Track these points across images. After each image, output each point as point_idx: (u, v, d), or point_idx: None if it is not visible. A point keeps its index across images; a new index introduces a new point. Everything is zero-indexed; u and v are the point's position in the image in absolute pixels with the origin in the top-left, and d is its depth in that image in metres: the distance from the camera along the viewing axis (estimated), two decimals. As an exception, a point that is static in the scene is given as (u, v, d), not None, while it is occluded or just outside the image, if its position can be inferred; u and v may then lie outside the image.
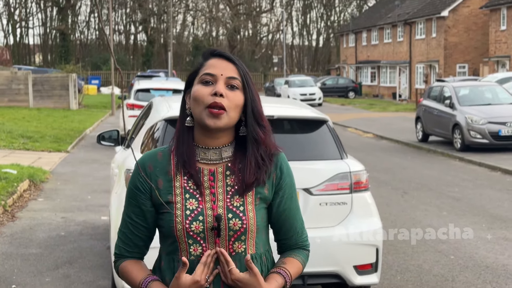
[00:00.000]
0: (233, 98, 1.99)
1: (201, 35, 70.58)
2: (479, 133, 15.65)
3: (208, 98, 1.97)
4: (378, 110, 33.67)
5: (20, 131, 17.56)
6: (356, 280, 4.83)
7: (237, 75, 2.01)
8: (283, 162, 2.12)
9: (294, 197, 2.14)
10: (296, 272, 2.09)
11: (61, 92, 27.93)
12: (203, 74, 2.01)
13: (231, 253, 2.02)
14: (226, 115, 1.98)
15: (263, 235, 2.09)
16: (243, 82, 2.02)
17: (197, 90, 2.00)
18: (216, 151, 2.04)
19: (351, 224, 4.85)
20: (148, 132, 5.26)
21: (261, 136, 2.03)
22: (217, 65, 2.02)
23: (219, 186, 2.04)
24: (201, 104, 1.98)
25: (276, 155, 2.09)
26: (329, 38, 72.96)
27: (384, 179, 12.38)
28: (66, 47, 61.74)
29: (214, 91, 1.97)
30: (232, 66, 2.02)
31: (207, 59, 2.05)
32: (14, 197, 9.08)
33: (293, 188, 2.14)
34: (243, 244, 2.03)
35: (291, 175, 2.14)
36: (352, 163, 5.00)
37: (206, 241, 2.01)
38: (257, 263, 2.06)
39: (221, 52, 2.04)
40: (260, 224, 2.06)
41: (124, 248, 2.10)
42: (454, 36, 39.55)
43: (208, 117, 1.97)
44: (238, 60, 2.05)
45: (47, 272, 6.14)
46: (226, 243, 2.02)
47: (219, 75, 1.99)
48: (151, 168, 2.06)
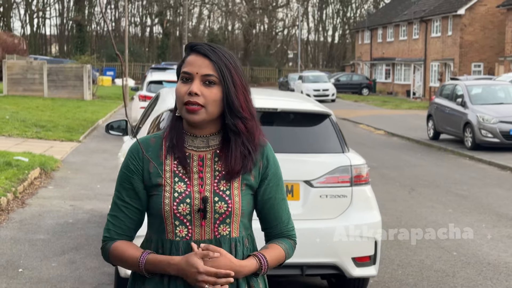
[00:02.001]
0: (208, 94, 2.06)
1: (216, 29, 70.68)
2: (490, 132, 15.62)
3: (185, 97, 2.07)
4: (391, 107, 33.58)
5: (33, 120, 17.75)
6: (354, 272, 4.90)
7: (212, 71, 2.07)
8: (270, 152, 2.20)
9: (280, 187, 2.21)
10: (275, 258, 2.15)
11: (76, 83, 28.14)
12: (182, 72, 2.11)
13: (216, 235, 2.10)
14: (203, 111, 2.07)
15: (247, 220, 2.17)
16: (219, 77, 2.08)
17: (177, 88, 2.11)
18: (204, 139, 2.14)
19: (350, 217, 4.91)
20: (154, 121, 5.35)
21: (240, 127, 2.10)
22: (194, 62, 2.09)
23: (207, 171, 2.13)
24: (180, 101, 2.09)
25: (262, 145, 2.17)
26: (345, 34, 72.79)
27: (393, 175, 12.41)
28: (82, 38, 62.06)
29: (189, 91, 2.06)
30: (208, 62, 2.08)
31: (188, 54, 2.13)
32: (24, 184, 9.22)
33: (278, 178, 2.21)
34: (227, 227, 2.11)
35: (277, 165, 2.21)
36: (353, 156, 5.06)
37: (192, 223, 2.09)
38: (240, 246, 2.13)
39: (198, 49, 2.10)
40: (246, 209, 2.14)
41: (115, 231, 2.16)
42: (470, 34, 39.34)
43: (186, 113, 2.08)
44: (216, 54, 2.09)
45: (53, 258, 6.26)
46: (211, 225, 2.10)
47: (195, 73, 2.07)
48: (143, 152, 2.14)
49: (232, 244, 2.12)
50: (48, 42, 71.96)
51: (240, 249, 2.13)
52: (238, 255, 2.13)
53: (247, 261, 2.10)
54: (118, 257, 2.14)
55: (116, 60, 59.05)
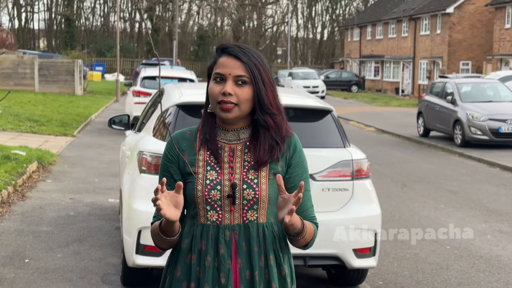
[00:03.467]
0: (241, 94, 2.23)
1: (206, 25, 70.66)
2: (479, 130, 15.87)
3: (219, 96, 2.24)
4: (381, 104, 33.86)
5: (26, 114, 17.80)
6: (354, 263, 5.07)
7: (244, 72, 2.24)
8: (296, 143, 2.37)
9: (305, 177, 2.37)
10: (310, 229, 2.30)
11: (67, 78, 28.16)
12: (215, 73, 2.28)
13: (244, 221, 2.27)
14: (237, 109, 2.24)
15: (275, 208, 2.31)
16: (250, 77, 2.24)
17: (210, 88, 2.28)
18: (235, 133, 2.32)
19: (351, 210, 5.09)
20: (160, 117, 5.49)
21: (270, 122, 2.27)
22: (226, 64, 2.25)
23: (237, 161, 2.30)
24: (214, 100, 2.27)
25: (289, 137, 2.34)
26: (334, 31, 73.04)
27: (385, 172, 12.61)
28: (71, 33, 61.85)
29: (223, 91, 2.23)
30: (240, 64, 2.24)
31: (219, 56, 2.30)
32: (23, 178, 9.33)
33: (303, 169, 2.37)
34: (255, 213, 2.28)
35: (302, 157, 2.38)
36: (354, 151, 5.23)
37: (222, 209, 2.27)
38: (268, 231, 2.29)
39: (230, 51, 2.27)
40: (272, 196, 2.30)
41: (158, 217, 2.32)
42: (458, 33, 39.70)
43: (220, 111, 2.26)
44: (247, 56, 2.25)
45: (58, 249, 6.39)
46: (240, 211, 2.27)
47: (228, 74, 2.24)
48: (179, 143, 2.34)
49: (259, 229, 2.28)
50: (36, 37, 71.61)
51: (268, 234, 2.29)
52: (267, 239, 2.28)
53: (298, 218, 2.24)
54: (152, 233, 2.32)
55: (106, 56, 58.95)
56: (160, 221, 2.25)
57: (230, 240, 2.25)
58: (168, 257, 2.38)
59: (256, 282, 2.24)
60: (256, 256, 2.25)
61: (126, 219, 5.16)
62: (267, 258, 2.27)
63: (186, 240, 2.29)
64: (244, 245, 2.25)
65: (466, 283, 6.19)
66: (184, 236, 2.30)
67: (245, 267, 2.25)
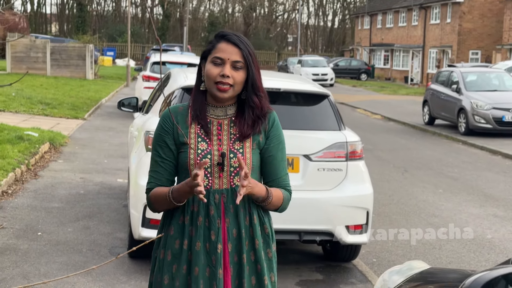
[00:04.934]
0: (236, 77, 2.57)
1: (217, 11, 70.76)
2: (483, 118, 16.09)
3: (217, 77, 2.56)
4: (389, 92, 34.02)
5: (38, 97, 18.16)
6: (347, 238, 5.39)
7: (240, 58, 2.58)
8: (275, 118, 2.71)
9: (280, 150, 2.70)
10: (276, 195, 2.62)
11: (78, 62, 28.51)
12: (214, 57, 2.60)
13: (231, 185, 2.60)
14: (231, 89, 2.58)
15: (257, 174, 2.66)
16: (245, 63, 2.58)
17: (209, 69, 2.60)
18: (223, 109, 2.66)
19: (345, 189, 5.39)
20: (166, 99, 5.79)
21: (256, 102, 2.62)
22: (225, 49, 2.58)
23: (224, 134, 2.64)
24: (212, 80, 2.58)
25: (269, 113, 2.68)
26: (345, 19, 72.96)
27: (387, 158, 12.89)
28: (83, 17, 62.13)
29: (222, 73, 2.55)
30: (238, 51, 2.57)
31: (218, 41, 2.62)
32: (36, 157, 9.69)
33: (280, 141, 2.70)
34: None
35: (279, 130, 2.71)
36: (349, 134, 5.53)
37: (212, 175, 2.60)
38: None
39: (229, 38, 2.60)
40: (255, 164, 2.65)
41: (155, 183, 2.65)
42: (468, 22, 39.68)
43: (217, 91, 2.58)
44: (243, 44, 2.59)
45: (69, 224, 6.74)
46: (228, 177, 2.60)
47: (226, 59, 2.57)
48: (172, 117, 2.66)
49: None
50: (48, 21, 72.00)
51: (250, 198, 2.61)
52: (251, 201, 2.61)
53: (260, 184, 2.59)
54: (155, 197, 2.62)
55: (117, 41, 59.27)
56: (170, 189, 2.55)
57: (219, 202, 2.58)
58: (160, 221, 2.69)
59: (243, 238, 2.57)
60: (242, 216, 2.58)
61: (132, 194, 5.49)
62: (251, 218, 2.60)
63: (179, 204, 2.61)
64: (231, 206, 2.58)
65: (456, 262, 6.49)
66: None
67: (232, 225, 2.57)
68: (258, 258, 2.59)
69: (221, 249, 2.54)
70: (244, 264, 2.56)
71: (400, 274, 2.65)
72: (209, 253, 2.55)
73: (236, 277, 2.57)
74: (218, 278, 2.52)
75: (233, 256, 2.57)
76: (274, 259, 2.67)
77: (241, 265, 2.57)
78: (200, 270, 2.53)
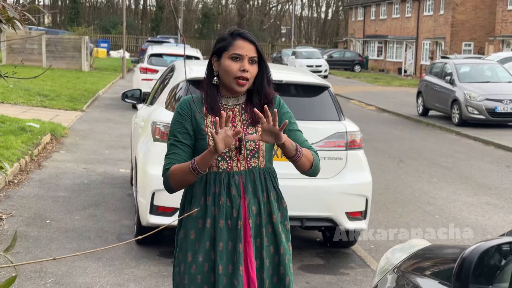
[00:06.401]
0: (252, 71, 2.82)
1: (210, 3, 70.77)
2: (476, 109, 16.34)
3: (237, 72, 2.80)
4: (383, 84, 34.27)
5: (36, 89, 18.30)
6: (347, 224, 5.61)
7: (255, 54, 2.84)
8: (280, 100, 2.97)
9: (294, 123, 2.93)
10: (306, 153, 2.83)
11: (74, 54, 28.61)
12: (233, 53, 2.82)
13: (248, 167, 2.83)
14: (247, 83, 2.83)
15: (270, 155, 2.91)
16: (259, 57, 2.84)
17: (229, 65, 2.82)
18: (235, 99, 2.90)
19: (345, 177, 5.61)
20: (172, 91, 5.99)
21: (267, 91, 2.89)
22: (243, 46, 2.82)
23: (237, 121, 2.88)
24: (231, 75, 2.81)
25: (275, 97, 2.93)
26: (338, 11, 73.11)
27: (383, 148, 13.12)
28: (76, 9, 62.08)
29: (242, 68, 2.79)
30: (253, 47, 2.83)
31: (234, 39, 2.85)
32: (39, 148, 9.87)
33: (290, 115, 2.94)
34: (256, 160, 2.86)
35: (286, 107, 2.96)
36: (348, 124, 5.75)
37: (230, 158, 2.83)
38: (267, 174, 2.87)
39: (245, 36, 2.84)
40: (268, 146, 2.88)
41: (173, 163, 2.82)
42: (461, 14, 39.92)
43: (236, 85, 2.81)
44: (256, 41, 2.85)
45: (75, 212, 6.94)
46: (245, 159, 2.84)
47: (245, 55, 2.81)
48: (190, 105, 2.89)
49: (261, 172, 2.85)
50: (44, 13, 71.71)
51: (268, 176, 2.87)
52: (267, 180, 2.85)
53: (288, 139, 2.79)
54: (176, 173, 2.77)
55: (110, 32, 59.26)
56: (191, 160, 2.74)
57: (238, 183, 2.81)
58: (180, 204, 2.91)
59: (262, 213, 2.82)
60: (260, 194, 2.83)
61: (141, 183, 5.69)
62: (269, 195, 2.85)
63: (199, 187, 2.83)
64: (249, 186, 2.82)
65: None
66: (197, 184, 2.83)
67: (251, 203, 2.81)
68: (275, 231, 2.84)
69: (241, 225, 2.78)
70: (263, 236, 2.81)
71: (403, 252, 2.87)
72: (231, 229, 2.78)
73: (257, 249, 2.81)
74: (238, 252, 2.76)
75: (254, 231, 2.81)
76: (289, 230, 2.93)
77: (261, 238, 2.81)
78: (223, 246, 2.77)
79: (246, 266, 2.78)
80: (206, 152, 2.72)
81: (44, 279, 5.05)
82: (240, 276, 2.74)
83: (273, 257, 2.84)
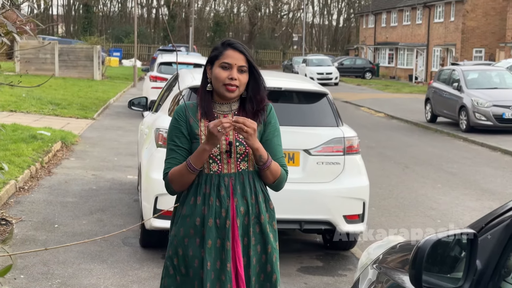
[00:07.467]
0: (242, 79, 2.97)
1: (222, 11, 71.17)
2: (483, 115, 16.43)
3: (226, 80, 2.96)
4: (393, 91, 34.34)
5: (48, 98, 18.59)
6: (345, 227, 5.76)
7: (245, 63, 2.98)
8: (271, 109, 3.12)
9: (276, 136, 3.09)
10: (275, 165, 3.00)
11: (86, 63, 28.95)
12: (222, 62, 2.99)
13: (238, 170, 2.99)
14: (237, 90, 2.98)
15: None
16: (249, 67, 2.99)
17: (218, 73, 2.99)
18: (228, 105, 3.07)
19: (342, 181, 5.76)
20: (175, 98, 6.18)
21: (258, 99, 3.04)
22: (232, 56, 2.98)
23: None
24: (220, 82, 2.97)
25: (267, 105, 3.09)
26: (349, 18, 73.26)
27: (389, 154, 13.24)
28: (89, 18, 62.68)
29: (230, 76, 2.95)
30: (242, 57, 2.98)
31: (225, 49, 3.02)
32: (49, 155, 10.10)
33: (275, 127, 3.09)
34: (246, 164, 3.02)
35: (275, 119, 3.11)
36: (346, 130, 5.90)
37: (221, 161, 3.00)
38: (256, 176, 3.03)
39: (236, 46, 3.01)
40: None
41: (171, 167, 3.00)
42: (472, 20, 39.95)
43: (225, 91, 2.97)
44: (246, 51, 3.00)
45: (83, 217, 7.14)
46: (235, 162, 3.00)
47: (234, 64, 2.97)
48: (185, 111, 3.07)
49: (250, 175, 3.02)
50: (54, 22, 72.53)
51: (257, 179, 3.04)
52: (256, 182, 3.01)
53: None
54: (175, 174, 2.96)
55: (123, 41, 59.78)
56: (185, 163, 2.92)
57: (228, 184, 2.98)
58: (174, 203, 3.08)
59: (250, 213, 2.98)
60: (249, 195, 2.99)
61: (144, 187, 5.87)
62: (257, 196, 3.01)
63: (191, 188, 3.00)
64: (238, 187, 2.99)
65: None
66: (191, 185, 3.00)
67: (240, 204, 2.98)
68: (263, 230, 3.00)
69: (229, 224, 2.94)
70: (250, 236, 2.97)
71: (381, 248, 3.05)
72: (220, 228, 2.95)
73: (245, 248, 2.98)
74: (226, 249, 2.93)
75: (241, 230, 2.97)
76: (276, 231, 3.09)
77: (249, 237, 2.98)
78: (212, 243, 2.94)
79: (234, 263, 2.94)
80: (199, 148, 2.91)
81: (51, 281, 5.24)
82: (228, 272, 2.90)
83: (260, 256, 3.00)
